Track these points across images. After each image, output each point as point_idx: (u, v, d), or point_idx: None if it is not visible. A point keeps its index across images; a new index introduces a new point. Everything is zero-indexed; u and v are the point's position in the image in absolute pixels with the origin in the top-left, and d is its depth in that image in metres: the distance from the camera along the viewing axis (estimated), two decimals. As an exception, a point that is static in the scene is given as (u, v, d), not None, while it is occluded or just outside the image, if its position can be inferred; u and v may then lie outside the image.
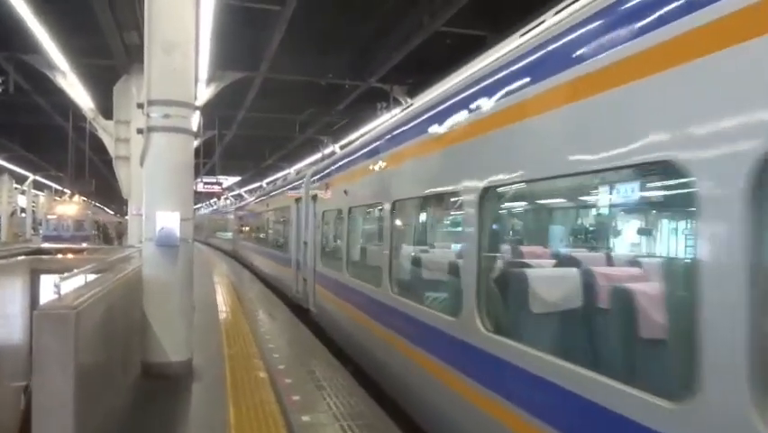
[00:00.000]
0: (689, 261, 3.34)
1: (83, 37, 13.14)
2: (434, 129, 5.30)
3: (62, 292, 4.05)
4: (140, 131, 6.32)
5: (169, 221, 6.13)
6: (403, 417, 5.70)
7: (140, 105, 6.37)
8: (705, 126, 2.46)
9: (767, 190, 2.20)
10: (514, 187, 4.35)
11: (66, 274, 4.23)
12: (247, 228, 26.01)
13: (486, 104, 4.34)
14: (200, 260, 20.54)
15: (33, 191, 38.23)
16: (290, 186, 15.31)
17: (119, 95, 13.49)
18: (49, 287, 6.95)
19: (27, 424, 3.72)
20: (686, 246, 4.38)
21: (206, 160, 28.67)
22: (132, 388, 5.79)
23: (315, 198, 11.34)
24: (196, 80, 6.87)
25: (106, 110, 14.41)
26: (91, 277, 5.15)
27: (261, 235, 21.17)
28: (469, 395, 4.22)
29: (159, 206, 6.20)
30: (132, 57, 12.99)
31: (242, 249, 25.93)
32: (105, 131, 14.20)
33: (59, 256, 11.68)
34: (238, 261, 25.74)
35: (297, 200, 13.40)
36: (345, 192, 8.86)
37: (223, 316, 10.64)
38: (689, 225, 4.11)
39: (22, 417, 6.90)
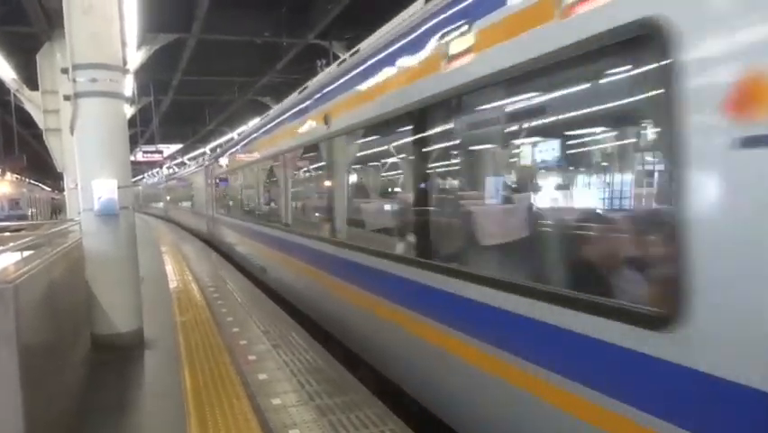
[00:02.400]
0: None
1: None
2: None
3: (-3, 268, 3.90)
4: (66, 97, 6.03)
5: (107, 189, 5.94)
6: (359, 368, 5.81)
7: (64, 71, 6.06)
8: None
9: None
10: None
11: (-1, 249, 4.07)
12: (171, 197, 33.90)
13: None
14: (140, 226, 20.18)
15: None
16: (198, 165, 23.53)
17: (43, 63, 12.77)
18: (-15, 267, 6.72)
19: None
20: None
21: (144, 128, 27.72)
22: (82, 362, 5.68)
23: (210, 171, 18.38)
24: (124, 43, 6.54)
25: (31, 80, 13.67)
26: (28, 253, 4.96)
27: (183, 202, 27.95)
28: None
29: (94, 174, 5.98)
30: (54, 22, 12.29)
31: (171, 211, 33.66)
32: (32, 102, 13.49)
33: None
34: (169, 221, 32.39)
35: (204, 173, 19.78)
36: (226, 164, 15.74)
37: (172, 284, 10.49)
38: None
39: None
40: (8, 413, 3.52)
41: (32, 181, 44.74)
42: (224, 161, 16.15)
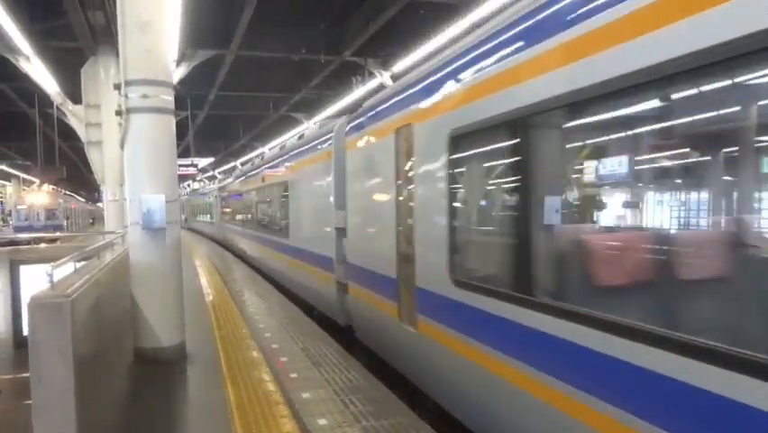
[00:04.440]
0: None
1: (46, 19, 12.71)
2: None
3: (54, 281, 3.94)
4: (118, 112, 6.13)
5: (155, 203, 6.00)
6: (401, 387, 5.74)
7: (116, 86, 6.17)
8: None
9: None
10: None
11: (57, 262, 4.11)
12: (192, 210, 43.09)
13: None
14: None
15: (1, 181, 37.23)
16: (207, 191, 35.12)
17: (87, 78, 13.08)
18: (30, 277, 6.82)
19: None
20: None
21: (179, 141, 28.19)
22: (126, 375, 5.71)
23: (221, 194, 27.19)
24: (173, 60, 6.68)
25: (74, 94, 13.99)
26: (79, 264, 5.02)
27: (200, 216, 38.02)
28: None
29: (143, 188, 6.06)
30: (99, 38, 12.59)
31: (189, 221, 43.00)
32: (75, 116, 13.80)
33: (36, 246, 11.42)
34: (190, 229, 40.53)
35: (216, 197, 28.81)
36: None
37: (208, 296, 10.56)
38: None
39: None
40: (62, 424, 3.54)
41: (67, 192, 45.69)
42: (224, 189, 26.62)
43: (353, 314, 7.59)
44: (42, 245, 12.21)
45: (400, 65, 13.94)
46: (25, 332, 3.72)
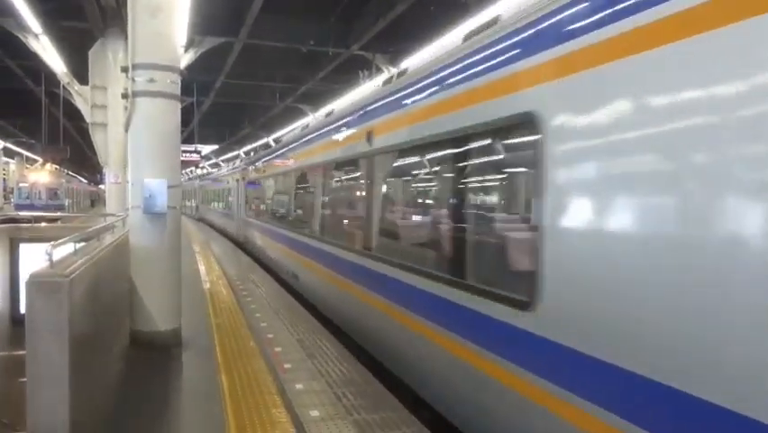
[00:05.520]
0: None
1: (57, -2, 12.70)
2: None
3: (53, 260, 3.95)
4: (125, 95, 6.14)
5: (157, 188, 6.01)
6: (393, 381, 5.76)
7: (124, 69, 6.18)
8: None
9: None
10: None
11: (57, 241, 4.12)
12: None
13: None
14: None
15: (4, 159, 37.24)
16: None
17: (95, 59, 13.09)
18: (30, 256, 6.83)
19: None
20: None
21: (183, 128, 28.19)
22: (122, 357, 5.74)
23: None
24: (182, 45, 6.68)
25: (81, 75, 14.00)
26: (78, 245, 5.04)
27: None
28: None
29: (145, 172, 6.06)
30: (108, 20, 12.60)
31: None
32: (81, 96, 13.82)
33: (38, 225, 11.42)
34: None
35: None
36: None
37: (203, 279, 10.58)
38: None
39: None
40: (56, 403, 3.57)
41: (69, 173, 45.72)
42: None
43: None
44: (43, 224, 12.22)
45: (408, 62, 13.93)
46: (23, 310, 3.73)
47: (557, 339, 3.35)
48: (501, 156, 4.62)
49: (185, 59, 14.23)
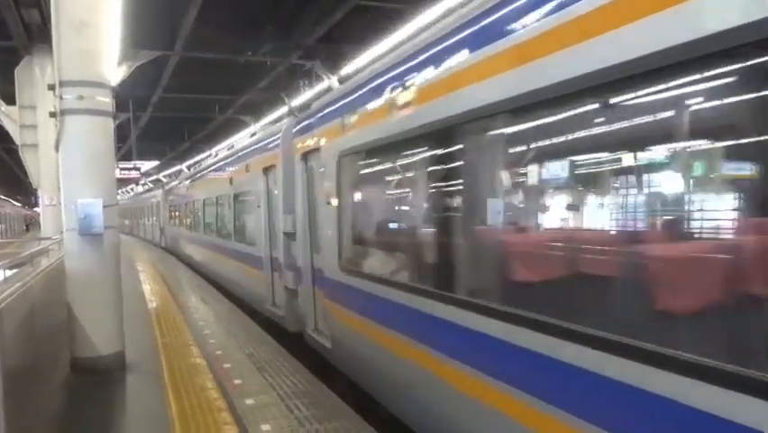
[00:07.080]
0: None
1: (-24, 15, 12.14)
2: None
3: (-20, 290, 3.79)
4: (53, 114, 5.92)
5: (92, 208, 5.81)
6: (348, 392, 5.74)
7: (51, 87, 5.95)
8: None
9: None
10: None
11: (-17, 270, 3.95)
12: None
13: None
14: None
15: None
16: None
17: (22, 78, 12.59)
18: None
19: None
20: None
21: (120, 144, 27.35)
22: (62, 386, 5.53)
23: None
24: (111, 61, 6.49)
25: (8, 95, 13.43)
26: (10, 273, 4.85)
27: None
28: None
29: (79, 193, 5.85)
30: (34, 37, 12.14)
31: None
32: (9, 117, 13.25)
33: (-34, 253, 10.94)
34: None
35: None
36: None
37: (150, 301, 10.30)
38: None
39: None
40: (-10, 440, 3.40)
41: (2, 197, 43.70)
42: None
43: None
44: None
45: (347, 68, 13.94)
46: (-51, 343, 3.56)
47: None
48: None
49: (118, 75, 13.85)
